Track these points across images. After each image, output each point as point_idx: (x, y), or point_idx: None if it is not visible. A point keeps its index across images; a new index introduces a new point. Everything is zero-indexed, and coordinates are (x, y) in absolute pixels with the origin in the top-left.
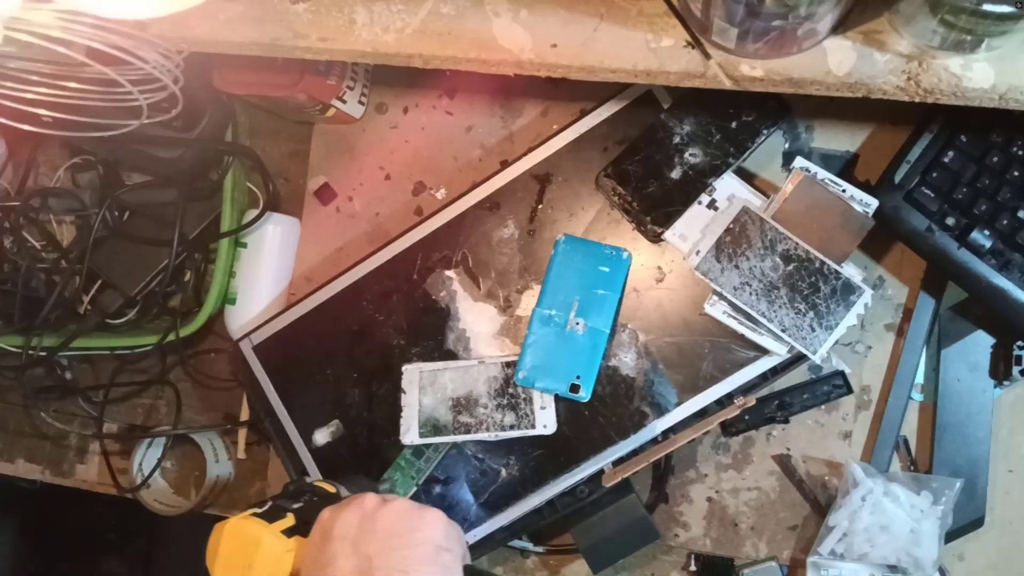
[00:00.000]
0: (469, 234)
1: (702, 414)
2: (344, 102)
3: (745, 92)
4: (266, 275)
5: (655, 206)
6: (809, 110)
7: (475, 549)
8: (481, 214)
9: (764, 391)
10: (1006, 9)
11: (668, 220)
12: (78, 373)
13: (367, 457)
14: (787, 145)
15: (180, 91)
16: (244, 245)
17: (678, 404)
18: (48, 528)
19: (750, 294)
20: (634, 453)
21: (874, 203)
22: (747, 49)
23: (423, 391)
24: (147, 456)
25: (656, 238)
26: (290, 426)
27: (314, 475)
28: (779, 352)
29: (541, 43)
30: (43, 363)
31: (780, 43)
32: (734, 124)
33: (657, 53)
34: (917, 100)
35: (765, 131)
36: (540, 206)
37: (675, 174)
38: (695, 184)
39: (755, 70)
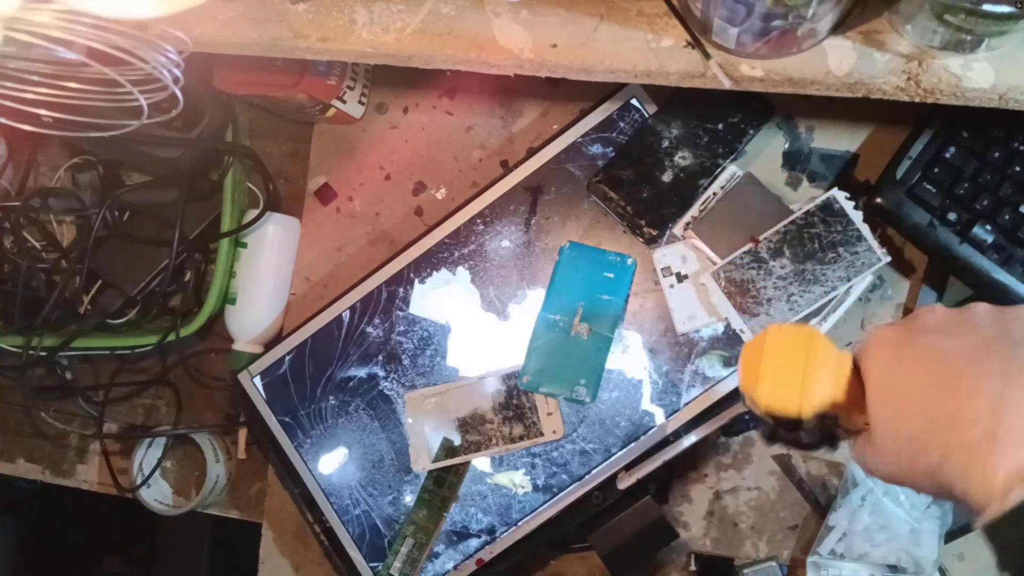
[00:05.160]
0: (465, 248)
1: (710, 411)
2: (344, 102)
3: (728, 93)
4: (266, 275)
5: (649, 209)
6: (809, 110)
7: (491, 566)
8: (476, 228)
9: None
10: (1006, 9)
11: (662, 223)
12: (78, 373)
13: (381, 486)
14: (787, 145)
15: (180, 91)
16: (244, 245)
17: (686, 403)
18: (48, 528)
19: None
20: (645, 455)
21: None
22: (747, 49)
23: (428, 416)
24: (147, 456)
25: (652, 240)
26: (295, 455)
27: (323, 506)
28: None
29: (541, 43)
30: (43, 363)
31: (780, 43)
32: (720, 126)
33: (657, 53)
34: (917, 100)
35: (752, 131)
36: (534, 217)
37: (666, 177)
38: (687, 186)
39: (755, 70)
